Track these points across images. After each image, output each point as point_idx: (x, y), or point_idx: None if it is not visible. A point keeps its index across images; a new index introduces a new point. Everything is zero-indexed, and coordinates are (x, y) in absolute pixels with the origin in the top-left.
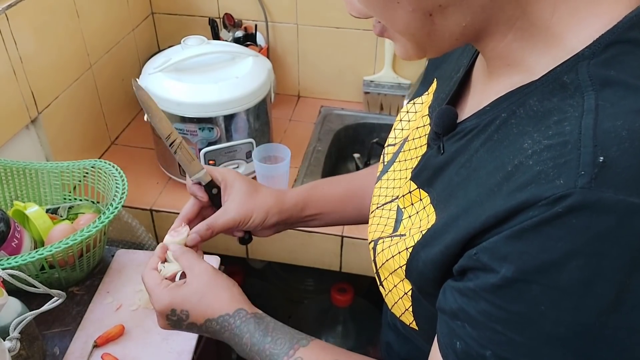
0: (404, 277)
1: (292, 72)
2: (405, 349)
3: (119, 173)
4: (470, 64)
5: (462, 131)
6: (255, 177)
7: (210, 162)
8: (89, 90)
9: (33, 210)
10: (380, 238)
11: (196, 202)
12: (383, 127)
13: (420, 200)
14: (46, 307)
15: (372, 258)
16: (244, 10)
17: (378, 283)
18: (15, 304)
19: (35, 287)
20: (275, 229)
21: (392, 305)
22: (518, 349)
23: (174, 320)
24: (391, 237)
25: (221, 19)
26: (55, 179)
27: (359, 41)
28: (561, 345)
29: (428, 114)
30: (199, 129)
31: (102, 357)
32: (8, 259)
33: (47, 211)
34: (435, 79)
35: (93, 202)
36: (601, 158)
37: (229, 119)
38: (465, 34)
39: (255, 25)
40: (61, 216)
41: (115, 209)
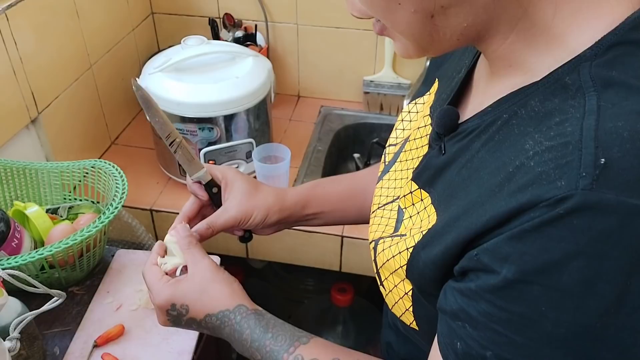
0: (405, 277)
1: (292, 72)
2: (406, 349)
3: (119, 173)
4: (472, 64)
5: (464, 132)
6: (255, 177)
7: (210, 162)
8: (89, 90)
9: (33, 210)
10: (381, 238)
11: (196, 201)
12: (383, 127)
13: (421, 200)
14: (46, 307)
15: (372, 258)
16: (244, 10)
17: (378, 283)
18: (15, 304)
19: (35, 287)
20: (276, 227)
21: (393, 306)
22: (519, 350)
23: (173, 316)
24: (392, 237)
25: (221, 19)
26: (55, 179)
27: (359, 41)
28: (562, 346)
29: (429, 114)
30: (199, 129)
31: (102, 357)
32: (8, 259)
33: (47, 211)
34: (437, 79)
35: (93, 202)
36: (603, 159)
37: (229, 119)
38: (467, 35)
39: (255, 25)
40: (61, 216)
41: (115, 209)
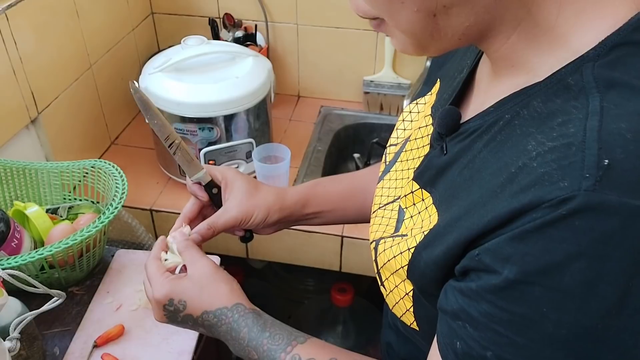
0: (406, 277)
1: (292, 72)
2: (406, 350)
3: (119, 173)
4: (474, 64)
5: (466, 132)
6: (255, 177)
7: (210, 162)
8: (89, 90)
9: (33, 210)
10: (381, 238)
11: (197, 202)
12: (383, 127)
13: (423, 200)
14: (46, 307)
15: (373, 258)
16: (244, 10)
17: (379, 283)
18: (15, 304)
19: (35, 287)
20: (276, 226)
21: (393, 306)
22: (519, 351)
23: (170, 311)
24: (393, 237)
25: (221, 19)
26: (55, 179)
27: (359, 41)
28: (563, 347)
29: (431, 114)
30: (199, 129)
31: (102, 357)
32: (8, 259)
33: (47, 211)
34: (439, 79)
35: (93, 202)
36: (606, 160)
37: (229, 119)
38: (469, 34)
39: (255, 25)
40: (61, 216)
41: (115, 209)
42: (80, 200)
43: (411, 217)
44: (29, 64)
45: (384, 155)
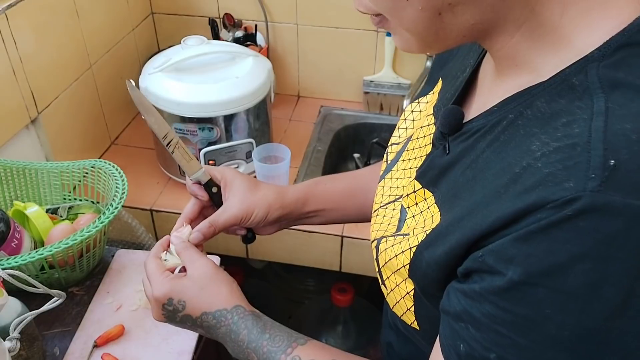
0: (407, 276)
1: (292, 72)
2: (406, 350)
3: (119, 173)
4: (477, 63)
5: (468, 131)
6: (255, 177)
7: (210, 162)
8: (89, 90)
9: (33, 210)
10: (383, 237)
11: (197, 202)
12: (383, 127)
13: (425, 200)
14: (46, 307)
15: (374, 257)
16: (244, 10)
17: (380, 282)
18: (15, 304)
19: (35, 287)
20: (277, 225)
21: (394, 305)
22: (522, 352)
23: (169, 311)
24: (394, 236)
25: (221, 19)
26: (55, 179)
27: (359, 41)
28: (565, 348)
29: (433, 113)
30: (199, 129)
31: (102, 357)
32: (8, 259)
33: (47, 211)
34: (441, 79)
35: (93, 202)
36: (612, 161)
37: (229, 119)
38: (473, 33)
39: (255, 25)
40: (61, 216)
41: (115, 209)
42: (80, 200)
43: (413, 216)
44: (28, 64)
45: (385, 154)
